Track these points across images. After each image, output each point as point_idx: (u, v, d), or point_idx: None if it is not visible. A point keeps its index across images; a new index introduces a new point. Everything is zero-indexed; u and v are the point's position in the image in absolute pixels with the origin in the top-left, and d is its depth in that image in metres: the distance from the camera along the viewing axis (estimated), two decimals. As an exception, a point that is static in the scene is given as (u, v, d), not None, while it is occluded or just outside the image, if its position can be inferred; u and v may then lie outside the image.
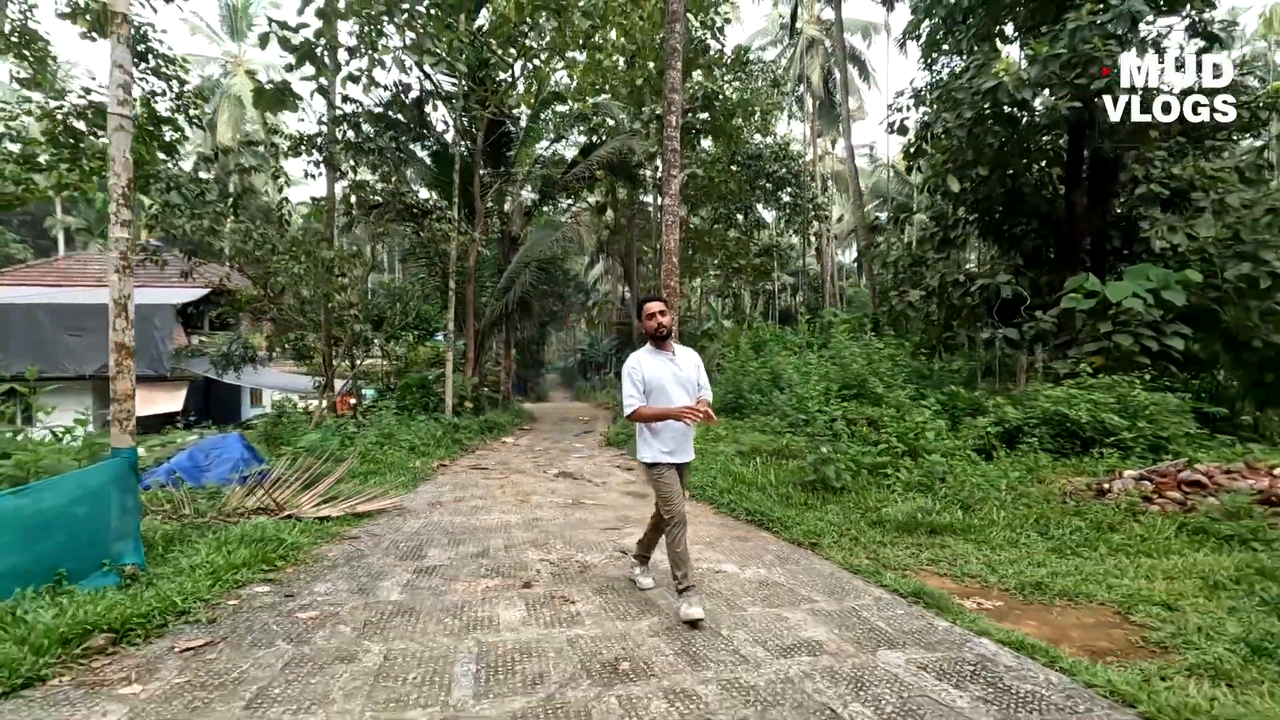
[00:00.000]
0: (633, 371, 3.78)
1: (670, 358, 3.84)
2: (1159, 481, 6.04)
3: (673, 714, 2.44)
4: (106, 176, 11.93)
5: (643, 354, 3.86)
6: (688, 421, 3.64)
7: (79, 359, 20.36)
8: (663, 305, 3.91)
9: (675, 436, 3.76)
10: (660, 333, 3.83)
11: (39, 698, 2.55)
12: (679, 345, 3.99)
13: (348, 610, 3.57)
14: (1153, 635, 3.46)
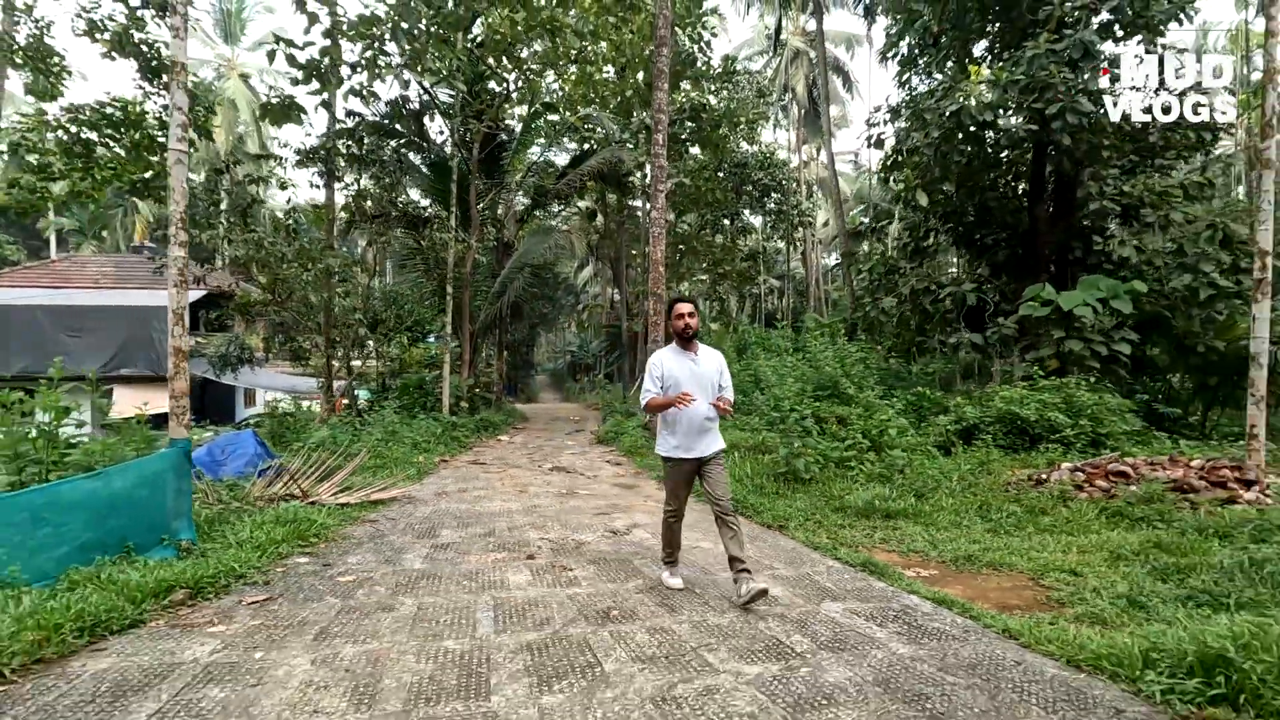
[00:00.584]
0: (654, 367, 3.99)
1: (693, 357, 4.02)
2: (1090, 472, 6.79)
3: (652, 643, 3.11)
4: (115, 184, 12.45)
5: (667, 352, 4.07)
6: (678, 406, 3.77)
7: (78, 359, 20.71)
8: (692, 307, 4.06)
9: (688, 432, 3.92)
10: (687, 333, 3.99)
11: (145, 634, 3.18)
12: (704, 346, 4.15)
13: (379, 575, 4.21)
14: (1055, 595, 4.16)
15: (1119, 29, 11.61)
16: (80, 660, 2.86)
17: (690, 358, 4.01)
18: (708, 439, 3.98)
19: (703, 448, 3.96)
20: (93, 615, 3.15)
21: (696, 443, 3.95)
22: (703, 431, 3.95)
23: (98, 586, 3.48)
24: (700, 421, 3.93)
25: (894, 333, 14.65)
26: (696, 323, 4.05)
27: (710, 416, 3.98)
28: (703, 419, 3.93)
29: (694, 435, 3.93)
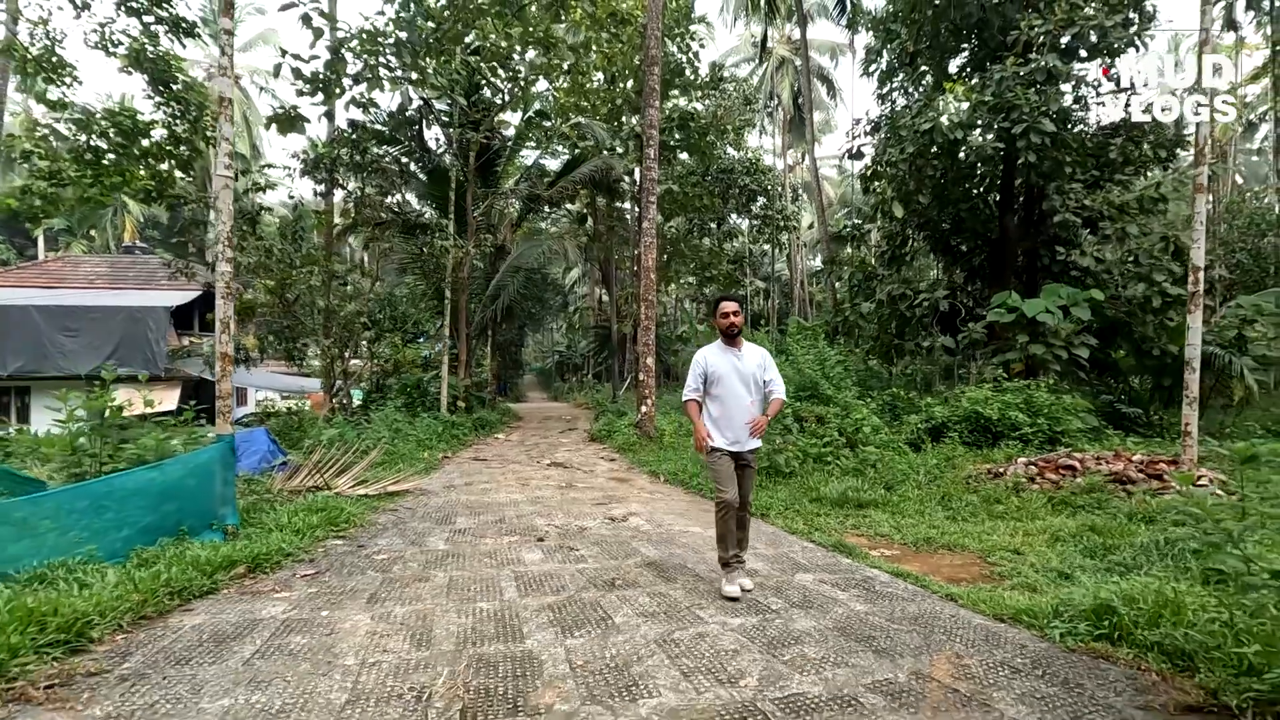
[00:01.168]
0: (697, 364, 4.11)
1: (737, 354, 4.11)
2: (1042, 466, 7.49)
3: (652, 604, 3.72)
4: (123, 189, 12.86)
5: (712, 349, 4.18)
6: (703, 441, 3.98)
7: (74, 359, 20.98)
8: (736, 306, 4.13)
9: (732, 426, 4.03)
10: (731, 330, 4.08)
11: (222, 599, 3.75)
12: (748, 343, 4.22)
13: (409, 555, 4.79)
14: (998, 570, 4.81)
15: (1082, 52, 12.38)
16: (176, 618, 3.43)
17: (734, 354, 4.11)
18: (746, 435, 4.07)
19: (746, 442, 4.06)
20: (177, 583, 3.71)
21: (742, 436, 4.04)
22: (742, 429, 4.05)
23: (173, 561, 4.02)
24: (744, 415, 4.04)
25: (873, 336, 15.36)
26: (741, 321, 4.13)
27: (753, 411, 4.08)
28: (749, 415, 4.04)
29: (738, 428, 4.03)
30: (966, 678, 2.75)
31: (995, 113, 11.43)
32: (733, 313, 4.09)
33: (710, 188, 23.87)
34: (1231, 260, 22.97)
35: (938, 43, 13.91)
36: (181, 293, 23.84)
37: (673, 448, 10.21)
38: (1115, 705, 2.49)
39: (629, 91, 20.45)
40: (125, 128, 12.17)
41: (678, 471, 8.55)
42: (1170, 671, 2.73)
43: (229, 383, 5.50)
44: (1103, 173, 12.86)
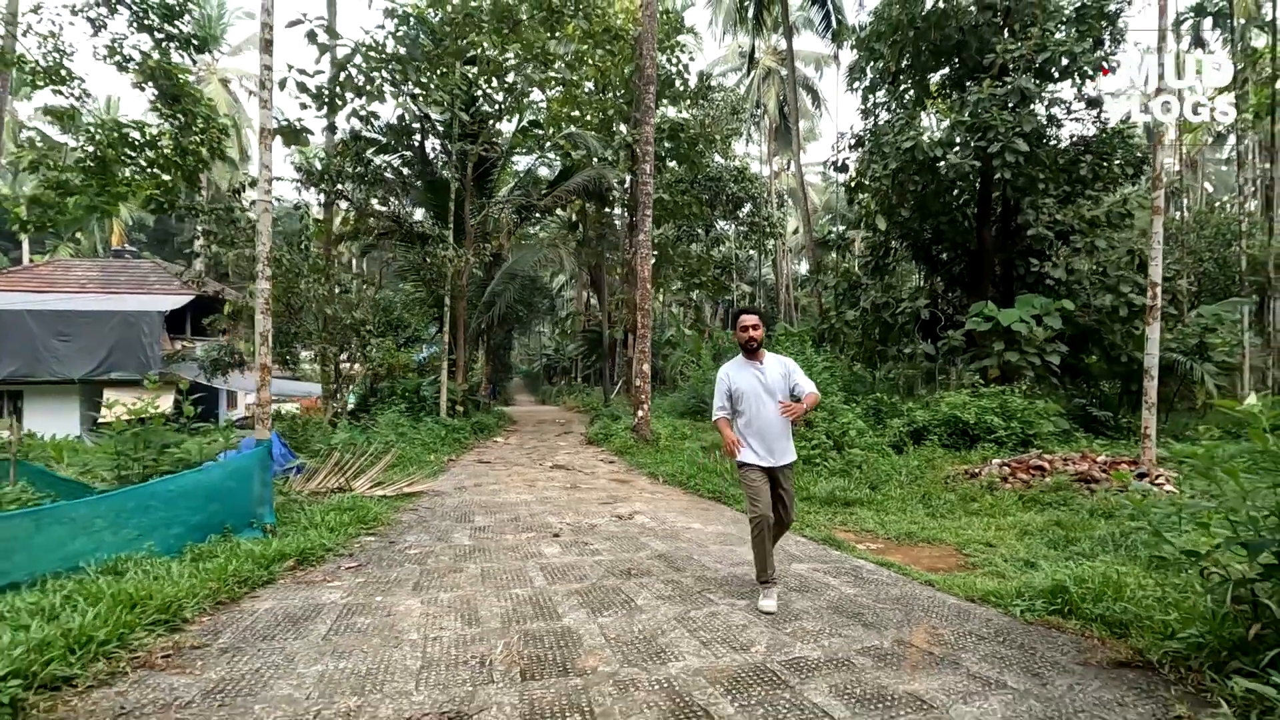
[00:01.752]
0: (721, 382, 4.11)
1: (759, 367, 4.03)
2: (1015, 466, 8.08)
3: (667, 588, 4.20)
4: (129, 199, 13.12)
5: (733, 365, 4.14)
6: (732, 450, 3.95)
7: (67, 363, 21.08)
8: (756, 319, 4.05)
9: (764, 441, 3.94)
10: (750, 344, 4.02)
11: (281, 588, 4.18)
12: (770, 354, 4.14)
13: (439, 550, 5.23)
14: (972, 560, 5.35)
15: (1055, 73, 13.06)
16: (248, 603, 3.86)
17: (756, 368, 4.04)
18: (782, 445, 4.00)
19: (777, 456, 3.97)
20: (241, 574, 4.14)
21: (774, 449, 3.96)
22: (777, 440, 3.97)
23: (231, 555, 4.44)
24: (777, 429, 3.97)
25: (857, 342, 15.99)
26: (761, 334, 4.06)
27: (785, 424, 3.99)
28: (780, 427, 3.96)
29: (771, 441, 3.96)
30: (940, 644, 3.26)
31: (973, 132, 12.07)
32: (752, 326, 4.02)
33: (699, 195, 24.45)
34: (1199, 269, 23.92)
35: (919, 62, 14.56)
36: (174, 297, 23.99)
37: (669, 451, 10.69)
38: (1060, 663, 3.01)
39: (620, 103, 20.99)
40: (132, 140, 12.47)
41: (675, 473, 9.03)
42: (1108, 637, 3.26)
43: (268, 391, 5.91)
44: (1074, 188, 13.56)
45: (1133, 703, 2.60)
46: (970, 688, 2.76)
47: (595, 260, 27.49)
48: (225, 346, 20.65)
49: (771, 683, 2.82)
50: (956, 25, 13.39)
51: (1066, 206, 13.59)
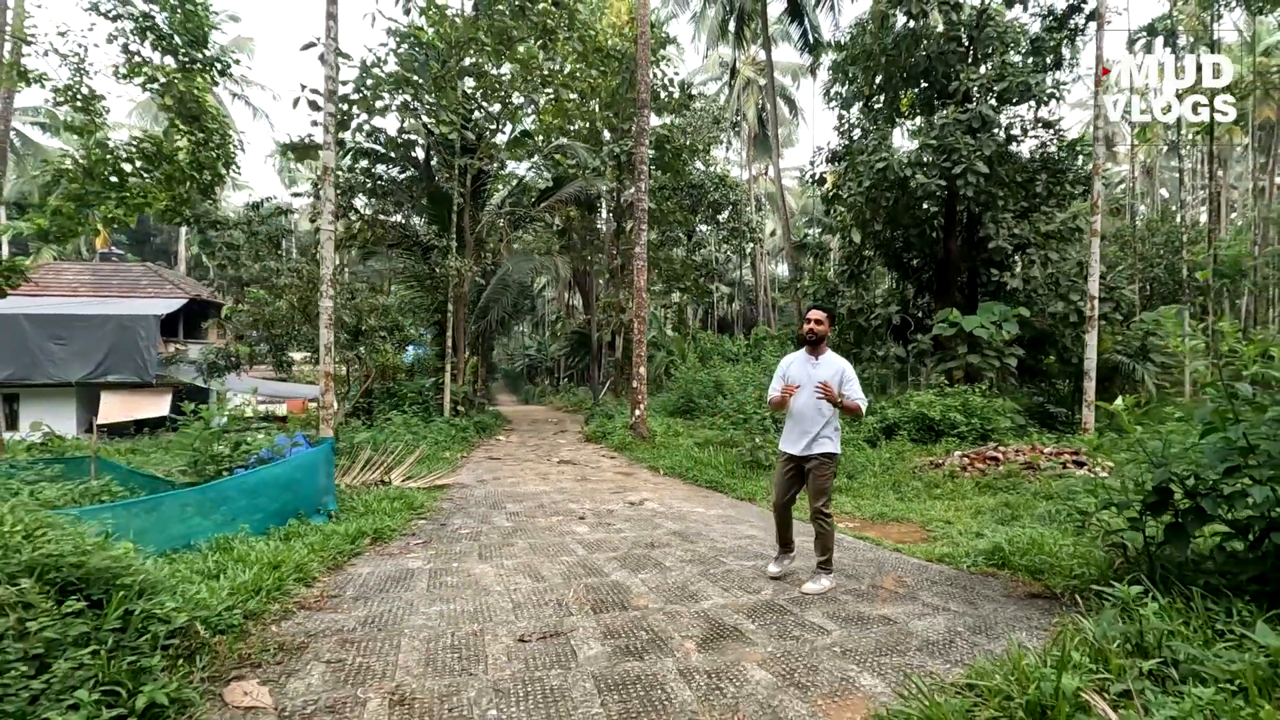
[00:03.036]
0: (780, 369, 4.44)
1: (814, 362, 4.29)
2: (973, 457, 9.19)
3: (686, 554, 5.17)
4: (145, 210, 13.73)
5: (794, 357, 4.44)
6: (787, 395, 4.18)
7: (63, 366, 21.42)
8: (822, 315, 4.29)
9: (793, 430, 4.31)
10: (810, 337, 4.28)
11: (370, 559, 5.06)
12: (831, 353, 4.38)
13: (485, 530, 6.15)
14: (932, 534, 6.39)
15: (1013, 99, 14.28)
16: (350, 569, 4.75)
17: (812, 362, 4.29)
18: (813, 437, 4.20)
19: (806, 445, 4.22)
20: (337, 549, 5.01)
21: (798, 441, 4.25)
22: (808, 429, 4.21)
23: (321, 534, 5.31)
24: (809, 416, 4.20)
25: (834, 345, 17.10)
26: (824, 329, 4.27)
27: (818, 415, 4.19)
28: (812, 415, 4.19)
29: (800, 430, 4.25)
30: (903, 586, 4.28)
31: (938, 153, 13.22)
32: (815, 321, 4.25)
33: (681, 201, 25.46)
34: (1150, 275, 25.56)
35: (890, 84, 15.71)
36: (168, 300, 24.40)
37: (665, 446, 11.67)
38: (991, 596, 4.05)
39: (609, 115, 21.93)
40: (149, 153, 13.10)
41: (674, 466, 10.01)
42: (1030, 580, 4.31)
43: (330, 396, 6.73)
44: (1031, 204, 14.81)
45: (1035, 616, 3.64)
46: (923, 611, 3.78)
47: (582, 266, 28.39)
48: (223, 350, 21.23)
49: (779, 611, 3.81)
50: (924, 53, 14.56)
51: (1024, 221, 14.83)
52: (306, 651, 3.19)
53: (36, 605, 2.33)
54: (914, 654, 3.18)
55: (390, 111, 14.19)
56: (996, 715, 2.30)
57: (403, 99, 13.08)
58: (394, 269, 15.75)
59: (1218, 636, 2.80)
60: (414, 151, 16.29)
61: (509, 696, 2.75)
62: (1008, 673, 2.53)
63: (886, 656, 3.15)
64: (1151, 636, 2.74)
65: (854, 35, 15.77)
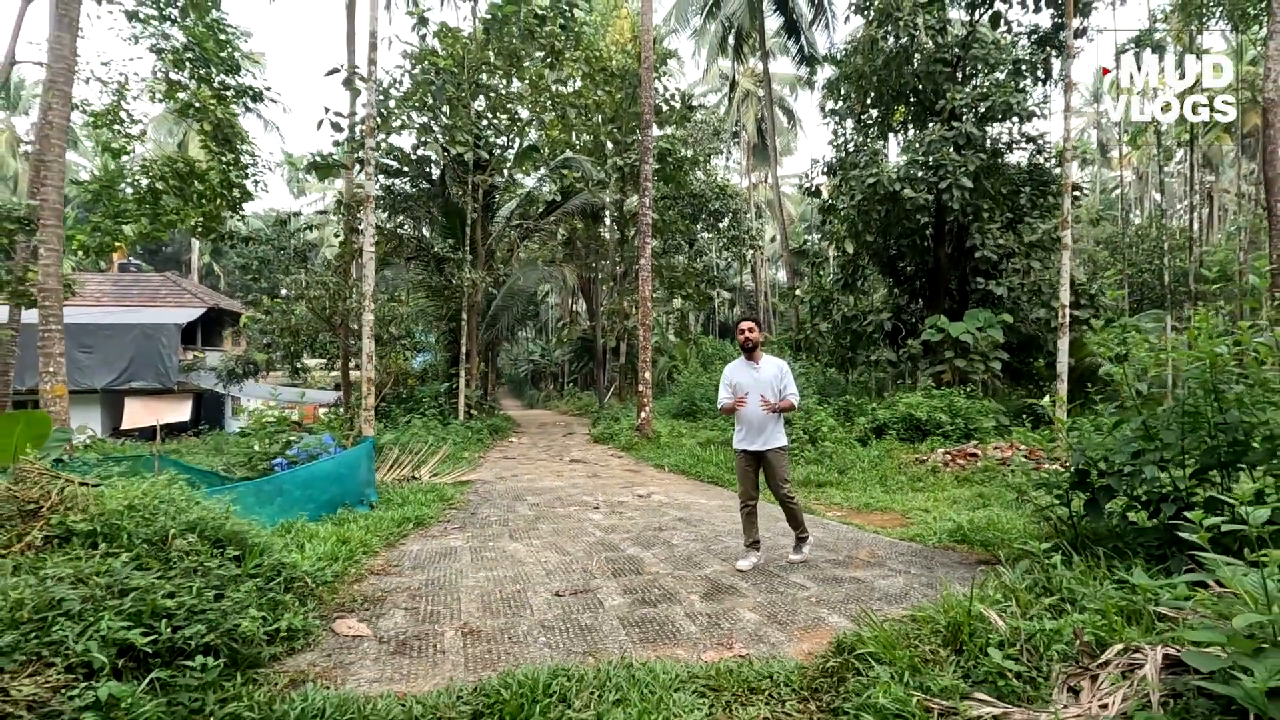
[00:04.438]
0: (725, 378, 4.91)
1: (755, 367, 4.81)
2: (954, 454, 9.95)
3: (691, 535, 5.94)
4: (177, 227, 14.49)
5: (735, 365, 4.94)
6: (739, 406, 4.66)
7: (89, 374, 22.23)
8: (753, 324, 4.85)
9: (748, 430, 4.82)
10: (746, 345, 4.82)
11: (414, 539, 5.84)
12: (767, 356, 4.89)
13: (512, 518, 6.92)
14: (911, 521, 7.15)
15: (998, 115, 15.05)
16: (401, 546, 5.52)
17: (753, 367, 4.82)
18: (766, 435, 4.78)
19: (762, 442, 4.78)
20: (388, 531, 5.79)
21: (756, 438, 4.79)
22: (761, 429, 4.77)
23: (369, 519, 6.08)
24: (759, 420, 4.74)
25: (830, 350, 17.90)
26: (757, 337, 4.83)
27: (768, 416, 4.72)
28: (761, 418, 4.73)
29: (754, 431, 4.79)
30: (875, 556, 5.06)
31: (927, 169, 14.01)
32: (748, 330, 4.84)
33: (683, 211, 26.28)
34: (1139, 279, 26.28)
35: (881, 101, 16.51)
36: (187, 309, 25.26)
37: (669, 446, 12.43)
38: (946, 563, 4.82)
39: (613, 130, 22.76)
40: (181, 172, 13.93)
41: (678, 464, 10.78)
42: (982, 551, 5.08)
43: (371, 399, 7.51)
44: (1016, 215, 15.59)
45: (977, 576, 4.40)
46: (888, 574, 4.55)
47: (587, 274, 29.21)
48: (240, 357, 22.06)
49: (769, 575, 4.59)
50: (912, 72, 15.36)
51: (1009, 231, 15.60)
52: (386, 602, 3.97)
53: (204, 552, 3.11)
54: (875, 602, 3.94)
55: (408, 130, 15.01)
56: (923, 631, 3.06)
57: (422, 121, 13.89)
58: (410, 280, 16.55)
59: (1115, 584, 3.56)
60: (428, 168, 17.12)
61: (553, 630, 3.52)
62: (938, 607, 3.29)
63: (852, 604, 3.91)
64: (1056, 582, 3.51)
65: (846, 55, 16.58)
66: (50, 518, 2.98)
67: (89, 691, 2.07)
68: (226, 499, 4.01)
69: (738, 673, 2.90)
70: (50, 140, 8.37)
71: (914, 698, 2.46)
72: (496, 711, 2.50)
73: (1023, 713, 2.32)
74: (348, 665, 3.06)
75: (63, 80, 8.31)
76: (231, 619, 2.77)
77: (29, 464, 3.28)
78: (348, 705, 2.53)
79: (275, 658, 3.00)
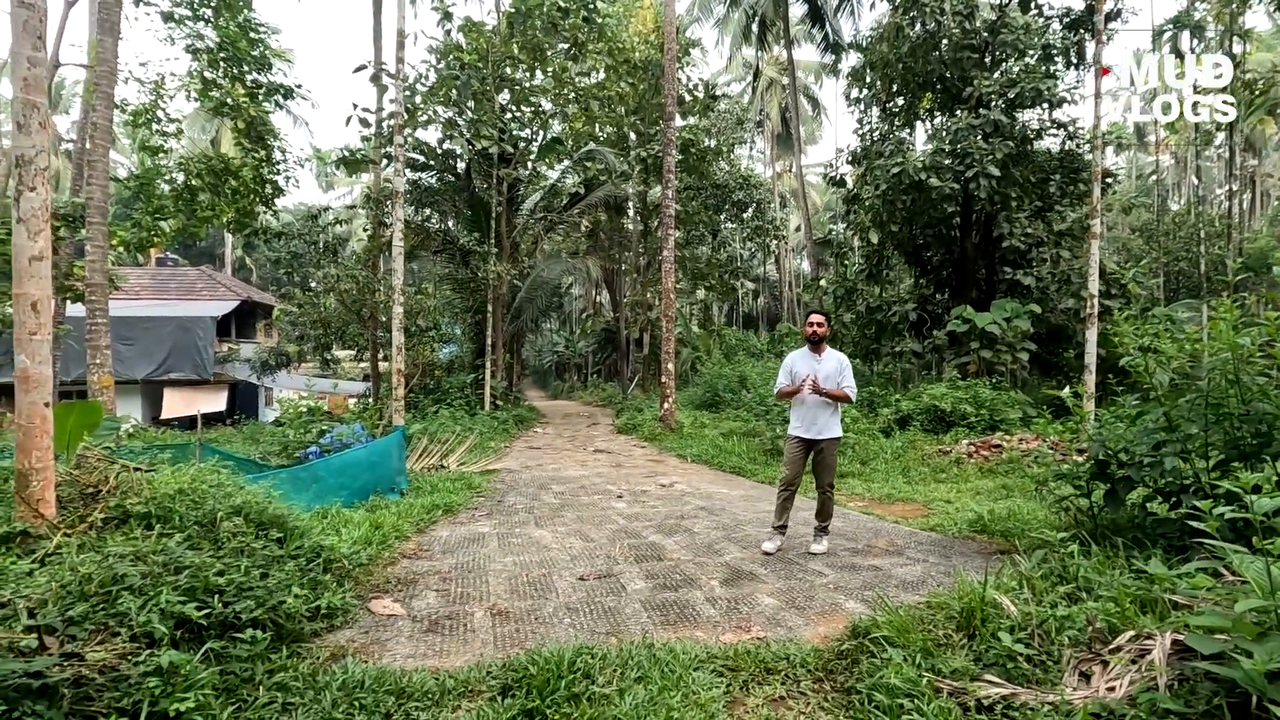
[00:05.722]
0: (786, 364, 5.00)
1: (818, 359, 4.88)
2: (978, 446, 9.90)
3: (711, 523, 6.04)
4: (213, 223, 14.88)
5: (799, 353, 5.01)
6: (802, 391, 4.73)
7: (130, 365, 22.96)
8: (821, 319, 4.91)
9: (804, 418, 4.89)
10: (814, 338, 4.89)
11: (443, 525, 6.03)
12: (830, 349, 4.96)
13: (537, 505, 7.09)
14: (933, 511, 7.18)
15: (1026, 104, 14.78)
16: (431, 532, 5.71)
17: (815, 359, 4.90)
18: (821, 424, 4.86)
19: (817, 431, 4.87)
20: (419, 517, 5.99)
21: (812, 426, 4.88)
22: (816, 418, 4.85)
23: (400, 506, 6.29)
24: (815, 410, 4.86)
25: (854, 340, 17.80)
26: (824, 330, 4.90)
27: (824, 406, 4.83)
28: (817, 408, 4.86)
29: (809, 420, 4.87)
30: (894, 545, 5.12)
31: (953, 158, 13.84)
32: (816, 324, 4.90)
33: (706, 201, 26.23)
34: (1175, 268, 25.65)
35: (907, 89, 16.31)
36: (222, 302, 25.92)
37: (692, 437, 12.53)
38: (965, 552, 4.86)
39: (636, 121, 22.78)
40: (216, 169, 14.30)
41: (701, 454, 10.88)
42: (1002, 541, 5.11)
43: (401, 390, 7.72)
44: (1045, 203, 15.33)
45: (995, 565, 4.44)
46: (906, 563, 4.62)
47: (610, 264, 29.33)
48: (274, 349, 22.61)
49: (787, 563, 4.68)
50: (939, 58, 15.15)
51: (1038, 220, 15.35)
52: (418, 584, 4.15)
53: (249, 534, 3.30)
54: (892, 589, 4.02)
55: (434, 124, 15.21)
56: (937, 617, 3.13)
57: (448, 116, 14.08)
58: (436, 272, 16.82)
59: (1132, 574, 3.59)
60: (454, 162, 17.34)
61: (578, 611, 3.67)
62: (952, 594, 3.36)
63: (869, 591, 3.99)
64: (1072, 571, 3.55)
65: (871, 42, 16.39)
66: (109, 500, 3.19)
67: (152, 658, 2.24)
68: (267, 484, 4.21)
69: (755, 654, 3.01)
70: (95, 140, 8.69)
71: (925, 678, 2.55)
72: (524, 686, 2.64)
73: (1031, 694, 2.40)
74: (384, 642, 3.23)
75: (105, 83, 8.63)
76: (277, 596, 2.95)
77: (89, 450, 3.49)
78: (385, 678, 2.70)
79: (316, 633, 3.19)
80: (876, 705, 2.50)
